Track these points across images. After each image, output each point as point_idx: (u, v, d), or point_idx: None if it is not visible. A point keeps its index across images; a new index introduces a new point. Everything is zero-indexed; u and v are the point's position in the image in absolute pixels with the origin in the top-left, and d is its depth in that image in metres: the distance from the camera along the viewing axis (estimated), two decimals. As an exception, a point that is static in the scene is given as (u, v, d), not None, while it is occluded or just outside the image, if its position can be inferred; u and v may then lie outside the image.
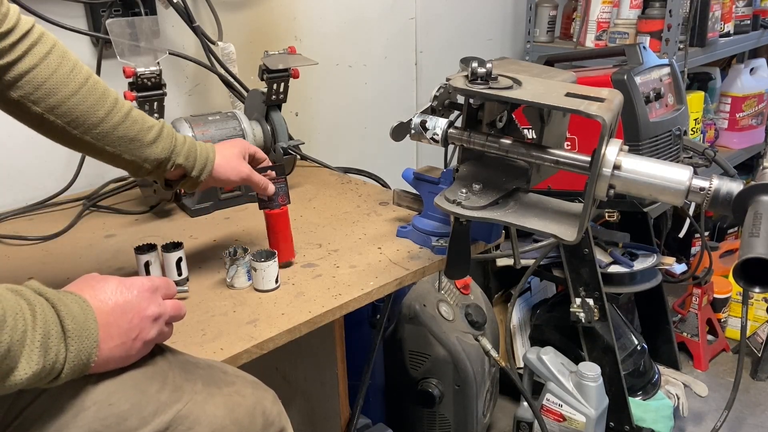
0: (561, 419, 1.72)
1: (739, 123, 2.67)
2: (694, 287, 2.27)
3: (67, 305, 0.64)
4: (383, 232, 1.21)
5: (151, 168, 0.95)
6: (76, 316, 0.64)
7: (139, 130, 0.92)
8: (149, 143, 0.93)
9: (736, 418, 2.03)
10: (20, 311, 0.59)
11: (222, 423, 0.72)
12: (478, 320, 1.75)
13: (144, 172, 0.96)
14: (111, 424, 0.66)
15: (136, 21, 1.27)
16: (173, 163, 0.96)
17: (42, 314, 0.61)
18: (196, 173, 0.98)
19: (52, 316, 0.62)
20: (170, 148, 0.95)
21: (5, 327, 0.57)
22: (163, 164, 0.95)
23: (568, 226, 0.86)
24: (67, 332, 0.63)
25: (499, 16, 2.31)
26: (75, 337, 0.63)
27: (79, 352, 0.63)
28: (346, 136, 1.95)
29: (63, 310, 0.63)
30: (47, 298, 0.63)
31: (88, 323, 0.65)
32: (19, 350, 0.58)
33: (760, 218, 0.74)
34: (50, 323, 0.61)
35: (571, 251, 1.76)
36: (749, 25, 2.46)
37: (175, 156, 0.96)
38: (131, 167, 0.95)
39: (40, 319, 0.61)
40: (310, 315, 0.94)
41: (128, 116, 0.92)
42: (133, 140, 0.92)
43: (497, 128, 0.97)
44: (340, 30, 1.85)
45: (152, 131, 0.94)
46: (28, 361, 0.59)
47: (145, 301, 0.71)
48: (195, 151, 0.98)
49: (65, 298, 0.65)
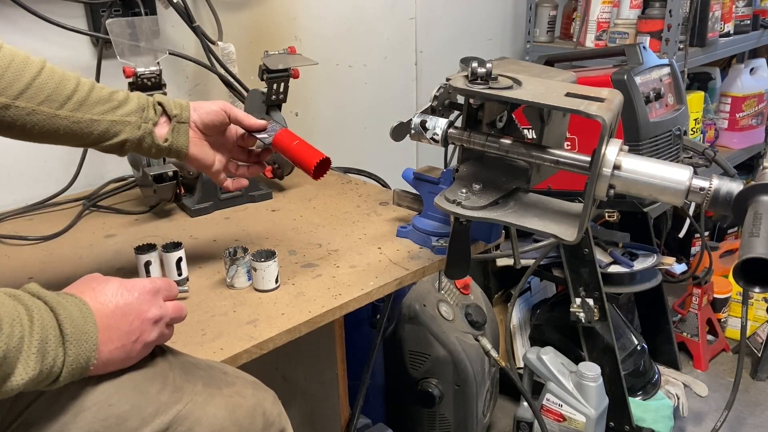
0: (561, 419, 1.72)
1: (739, 123, 2.67)
2: (694, 287, 2.27)
3: (66, 308, 0.64)
4: (383, 232, 1.21)
5: (138, 120, 0.93)
6: (75, 320, 0.64)
7: (111, 92, 0.92)
8: (124, 100, 0.93)
9: (736, 418, 2.03)
10: (17, 317, 0.59)
11: (222, 424, 0.72)
12: (478, 320, 1.75)
13: (133, 128, 0.93)
14: (111, 424, 0.66)
15: (136, 21, 1.27)
16: (151, 102, 0.95)
17: (40, 319, 0.61)
18: (177, 110, 0.96)
19: (50, 320, 0.62)
20: (144, 96, 0.96)
21: (1, 335, 0.57)
22: (146, 110, 0.94)
23: (568, 226, 0.86)
24: (65, 336, 0.62)
25: (499, 16, 2.31)
26: (74, 341, 0.63)
27: (77, 356, 0.63)
28: (346, 136, 1.95)
29: (62, 313, 0.63)
30: (46, 302, 0.63)
31: (87, 326, 0.64)
32: (16, 356, 0.58)
33: (760, 218, 0.74)
34: (48, 328, 0.61)
35: (571, 251, 1.76)
36: (749, 25, 2.46)
37: (153, 100, 0.96)
38: (119, 128, 0.92)
39: (37, 324, 0.60)
40: (310, 315, 0.94)
41: (95, 85, 0.92)
42: (108, 101, 0.91)
43: (497, 128, 0.97)
44: (340, 30, 1.85)
45: (121, 92, 0.94)
46: (24, 367, 0.59)
47: (146, 304, 0.71)
48: (168, 98, 0.99)
49: (65, 301, 0.65)
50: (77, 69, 1.38)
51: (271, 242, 1.18)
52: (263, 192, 1.38)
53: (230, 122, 1.00)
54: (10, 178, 1.37)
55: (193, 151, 0.98)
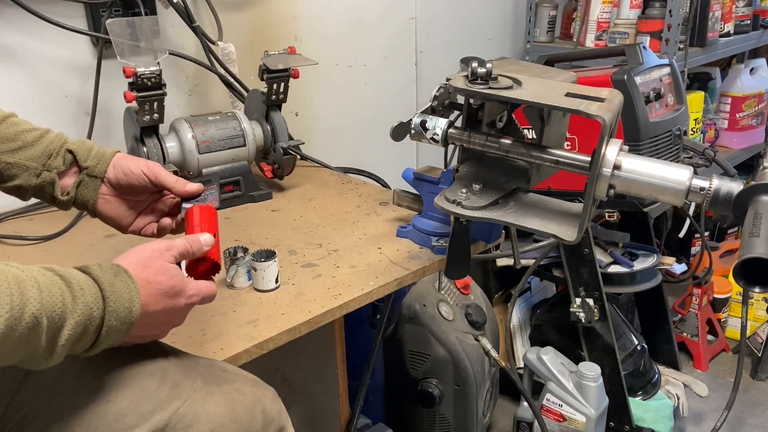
0: (561, 419, 1.72)
1: (739, 123, 2.67)
2: (694, 287, 2.27)
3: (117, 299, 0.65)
4: (383, 232, 1.20)
5: (38, 167, 0.86)
6: (119, 314, 0.65)
7: (20, 131, 0.86)
8: (32, 142, 0.86)
9: (736, 418, 2.03)
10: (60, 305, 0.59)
11: (221, 421, 0.72)
12: (478, 320, 1.75)
13: (31, 175, 0.86)
14: (109, 421, 0.66)
15: (136, 21, 1.27)
16: (63, 149, 0.87)
17: (84, 310, 0.61)
18: (92, 162, 0.88)
19: (97, 309, 0.63)
20: (60, 141, 0.88)
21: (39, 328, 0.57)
22: (53, 156, 0.86)
23: (568, 226, 0.86)
24: (105, 324, 0.64)
25: (499, 16, 2.31)
26: (113, 331, 0.65)
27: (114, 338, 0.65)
28: (346, 136, 1.95)
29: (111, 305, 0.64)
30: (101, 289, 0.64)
31: (131, 317, 0.66)
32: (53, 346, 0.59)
33: (760, 218, 0.74)
34: (93, 318, 0.62)
35: (571, 251, 1.76)
36: (749, 25, 2.46)
37: (66, 145, 0.88)
38: (14, 171, 0.85)
39: (80, 309, 0.61)
40: (310, 315, 0.94)
41: (5, 120, 0.86)
42: (11, 140, 0.85)
43: (497, 128, 0.97)
44: (340, 30, 1.85)
45: (35, 132, 0.87)
46: (62, 349, 0.60)
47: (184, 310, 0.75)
48: (91, 145, 0.90)
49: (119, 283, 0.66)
50: (77, 69, 1.39)
51: (271, 242, 1.18)
52: (263, 192, 1.38)
53: (153, 186, 0.90)
54: (10, 178, 1.37)
55: (102, 209, 0.90)
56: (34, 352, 0.58)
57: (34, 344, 0.57)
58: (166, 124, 1.28)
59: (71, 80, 1.40)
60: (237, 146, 1.35)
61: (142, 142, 1.25)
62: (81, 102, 1.41)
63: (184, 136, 1.30)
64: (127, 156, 0.91)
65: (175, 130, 1.31)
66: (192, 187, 0.89)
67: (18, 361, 0.58)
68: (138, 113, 1.21)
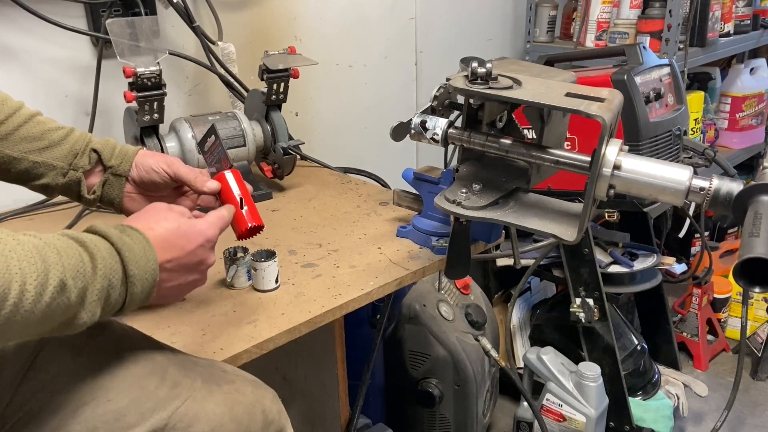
0: (561, 419, 1.72)
1: (739, 123, 2.67)
2: (694, 287, 2.27)
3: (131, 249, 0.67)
4: (383, 232, 1.20)
5: (65, 166, 0.87)
6: (138, 260, 0.67)
7: (46, 130, 0.86)
8: (58, 141, 0.87)
9: (736, 418, 2.03)
10: (81, 268, 0.61)
11: (221, 420, 0.72)
12: (478, 320, 1.75)
13: (58, 174, 0.87)
14: (109, 420, 0.66)
15: (136, 21, 1.27)
16: (88, 148, 0.88)
17: (103, 266, 0.63)
18: (116, 161, 0.89)
19: (115, 263, 0.65)
20: (85, 140, 0.88)
21: (65, 289, 0.58)
22: (78, 156, 0.87)
23: (568, 226, 0.86)
24: (129, 278, 0.66)
25: (499, 16, 2.31)
26: (137, 281, 0.67)
27: (140, 293, 0.68)
28: (346, 136, 1.95)
29: (127, 255, 0.66)
30: (112, 243, 0.66)
31: (149, 265, 0.68)
32: (79, 306, 0.61)
33: (760, 218, 0.74)
34: (113, 272, 0.64)
35: (571, 251, 1.76)
36: (749, 25, 2.46)
37: (90, 144, 0.88)
38: (41, 171, 0.86)
39: (101, 271, 0.63)
40: (310, 315, 0.94)
41: (32, 119, 0.86)
42: (38, 139, 0.85)
43: (497, 128, 0.97)
44: (340, 30, 1.85)
45: (61, 131, 0.88)
46: (88, 313, 0.62)
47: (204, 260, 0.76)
48: (114, 143, 0.91)
49: (129, 240, 0.67)
50: (77, 69, 1.39)
51: (271, 242, 1.18)
52: (263, 192, 1.38)
53: (173, 181, 0.90)
54: (10, 178, 1.37)
55: (128, 206, 0.91)
56: (67, 315, 0.59)
57: (65, 306, 0.59)
58: (166, 124, 1.28)
59: (71, 80, 1.40)
60: (237, 146, 1.35)
61: (142, 142, 1.25)
62: (81, 102, 1.41)
63: (184, 136, 1.30)
64: (149, 153, 0.92)
65: (175, 130, 1.32)
66: (210, 186, 0.88)
67: (55, 327, 0.60)
68: (138, 113, 1.21)
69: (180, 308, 0.96)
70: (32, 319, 0.55)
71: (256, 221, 0.87)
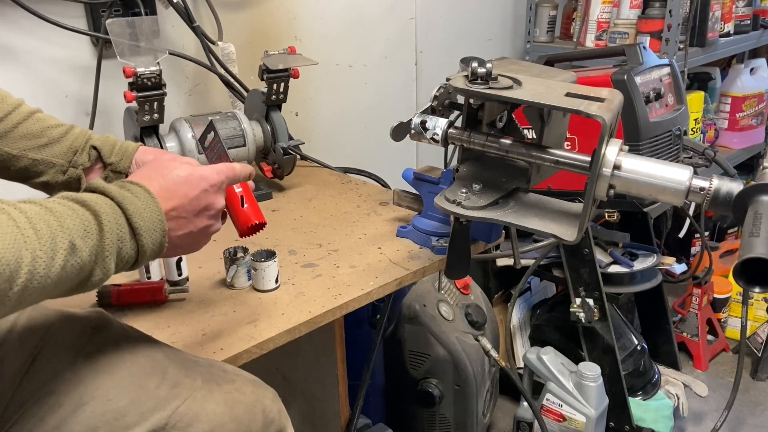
0: (561, 419, 1.72)
1: (739, 123, 2.67)
2: (694, 287, 2.27)
3: (132, 202, 0.66)
4: (383, 232, 1.20)
5: (64, 164, 0.86)
6: (142, 212, 0.67)
7: (45, 127, 0.86)
8: (58, 138, 0.86)
9: (736, 418, 2.03)
10: (87, 227, 0.61)
11: (221, 420, 0.72)
12: (478, 320, 1.75)
13: (57, 171, 0.87)
14: (109, 419, 0.66)
15: (136, 21, 1.27)
16: (88, 145, 0.87)
17: (109, 222, 0.63)
18: (116, 158, 0.88)
19: (119, 217, 0.65)
20: (84, 137, 0.88)
21: (75, 251, 0.59)
22: (78, 153, 0.87)
23: (568, 226, 0.86)
24: (136, 230, 0.66)
25: (499, 16, 2.31)
26: (145, 232, 0.66)
27: (151, 244, 0.67)
28: (346, 136, 1.95)
29: (129, 208, 0.66)
30: (112, 198, 0.65)
31: (154, 215, 0.68)
32: (92, 265, 0.61)
33: (760, 218, 0.74)
34: (119, 226, 0.64)
35: (571, 251, 1.76)
36: (749, 25, 2.45)
37: (90, 141, 0.88)
38: (41, 168, 0.86)
39: (107, 228, 0.63)
40: (310, 315, 0.94)
41: (32, 116, 0.86)
42: (37, 136, 0.85)
43: (497, 128, 0.97)
44: (340, 30, 1.85)
45: (60, 128, 0.87)
46: (101, 269, 0.62)
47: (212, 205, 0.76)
48: (114, 140, 0.90)
49: (129, 194, 0.67)
50: (77, 69, 1.39)
51: (271, 242, 1.17)
52: (263, 192, 1.38)
53: None
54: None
55: None
56: (83, 274, 0.60)
57: (80, 267, 0.59)
58: (166, 124, 1.28)
59: (71, 80, 1.40)
60: (237, 146, 1.35)
61: (142, 142, 1.25)
62: (81, 102, 1.41)
63: (184, 136, 1.30)
64: (149, 149, 0.91)
65: (175, 130, 1.32)
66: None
67: (74, 287, 0.61)
68: (138, 113, 1.21)
69: (180, 308, 0.96)
70: (48, 284, 0.56)
71: (258, 218, 0.86)
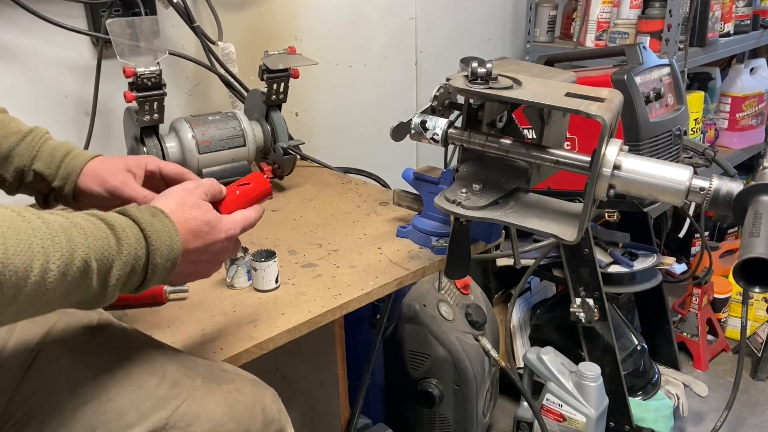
0: (561, 419, 1.72)
1: (739, 123, 2.67)
2: (694, 287, 2.27)
3: (159, 238, 0.67)
4: (383, 232, 1.20)
5: (13, 183, 0.86)
6: (163, 252, 0.67)
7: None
8: (6, 153, 0.84)
9: (736, 418, 2.03)
10: (107, 250, 0.61)
11: (221, 420, 0.72)
12: (478, 320, 1.75)
13: (10, 188, 0.88)
14: (109, 419, 0.66)
15: (136, 21, 1.27)
16: (31, 169, 0.86)
17: (128, 251, 0.63)
18: (59, 182, 0.87)
19: (141, 249, 0.65)
20: (30, 154, 0.86)
21: (89, 271, 0.59)
22: (25, 173, 0.86)
23: (568, 226, 0.86)
24: (150, 266, 0.66)
25: (499, 16, 2.31)
26: (159, 270, 0.67)
27: (161, 277, 0.68)
28: (346, 136, 1.95)
29: (154, 243, 0.66)
30: (142, 229, 0.66)
31: (173, 254, 0.68)
32: (103, 290, 0.62)
33: (760, 218, 0.74)
34: (138, 258, 0.64)
35: (571, 251, 1.76)
36: (749, 25, 2.46)
37: (33, 164, 0.86)
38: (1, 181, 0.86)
39: (125, 253, 0.63)
40: (310, 315, 0.94)
41: None
42: None
43: (497, 128, 0.97)
44: (340, 30, 1.85)
45: (11, 138, 0.85)
46: (109, 296, 0.63)
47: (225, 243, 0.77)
48: (62, 158, 0.87)
49: (159, 225, 0.67)
50: (77, 69, 1.39)
51: (271, 242, 1.18)
52: (263, 192, 1.38)
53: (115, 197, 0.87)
54: (10, 178, 1.37)
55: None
56: (87, 294, 0.60)
57: (87, 286, 0.59)
58: (166, 124, 1.28)
59: (71, 80, 1.40)
60: (237, 146, 1.35)
61: (142, 142, 1.25)
62: (81, 102, 1.41)
63: (184, 136, 1.30)
64: (93, 172, 0.88)
65: (175, 130, 1.31)
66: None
67: (74, 303, 0.60)
68: (138, 113, 1.21)
69: (180, 308, 0.96)
70: (54, 297, 0.56)
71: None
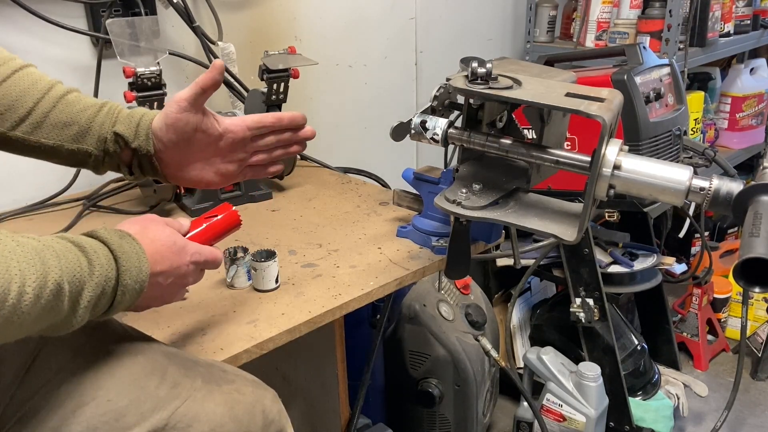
0: (561, 419, 1.72)
1: (739, 123, 2.67)
2: (694, 287, 2.27)
3: (128, 259, 0.67)
4: (383, 232, 1.21)
5: (99, 153, 0.84)
6: (132, 272, 0.68)
7: (75, 113, 0.83)
8: (86, 125, 0.83)
9: (736, 418, 2.03)
10: (78, 273, 0.61)
11: (221, 420, 0.72)
12: (478, 320, 1.75)
13: (97, 160, 0.86)
14: (109, 420, 0.66)
15: (136, 21, 1.27)
16: (111, 132, 0.83)
17: (100, 273, 0.64)
18: (138, 143, 0.85)
19: (111, 271, 0.65)
20: (110, 121, 0.84)
21: (61, 295, 0.59)
22: (107, 141, 0.84)
23: (568, 226, 0.86)
24: (120, 287, 0.67)
25: (499, 16, 2.31)
26: (128, 292, 0.67)
27: (127, 302, 0.68)
28: (346, 136, 1.95)
29: (124, 264, 0.67)
30: (111, 251, 0.66)
31: (141, 276, 0.69)
32: (72, 313, 0.62)
33: (760, 218, 0.74)
34: (108, 280, 0.65)
35: (571, 251, 1.76)
36: (749, 25, 2.46)
37: (114, 126, 0.84)
38: (81, 158, 0.85)
39: (96, 276, 0.63)
40: (310, 315, 0.94)
41: (60, 101, 0.83)
42: (68, 125, 0.82)
43: (497, 128, 0.97)
44: (340, 30, 1.85)
45: (87, 112, 0.84)
46: (79, 318, 0.63)
47: (190, 268, 0.77)
48: (139, 118, 0.85)
49: (127, 246, 0.68)
50: (77, 69, 1.39)
51: (271, 242, 1.18)
52: (263, 192, 1.38)
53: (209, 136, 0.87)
54: (10, 178, 1.37)
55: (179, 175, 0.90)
56: (58, 318, 0.60)
57: (58, 310, 0.59)
58: (166, 124, 1.28)
59: (71, 80, 1.38)
60: (237, 146, 1.35)
61: (142, 142, 1.25)
62: (81, 102, 1.41)
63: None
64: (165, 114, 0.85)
65: (175, 130, 1.31)
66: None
67: (44, 328, 0.60)
68: (138, 113, 1.21)
69: (180, 308, 0.96)
70: (28, 320, 0.56)
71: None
